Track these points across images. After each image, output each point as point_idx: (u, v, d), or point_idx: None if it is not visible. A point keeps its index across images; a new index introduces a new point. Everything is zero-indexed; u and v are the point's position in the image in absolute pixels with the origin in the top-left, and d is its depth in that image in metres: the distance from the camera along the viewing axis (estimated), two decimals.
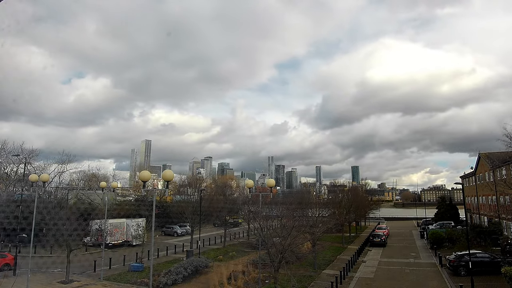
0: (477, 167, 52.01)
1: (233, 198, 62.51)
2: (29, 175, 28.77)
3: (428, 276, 28.09)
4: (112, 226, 41.09)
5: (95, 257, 31.79)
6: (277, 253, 18.91)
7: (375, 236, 47.32)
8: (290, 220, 21.26)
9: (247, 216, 40.73)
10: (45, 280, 25.81)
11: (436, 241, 41.61)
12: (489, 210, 49.00)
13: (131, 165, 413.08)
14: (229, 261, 31.39)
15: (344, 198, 52.03)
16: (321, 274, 28.69)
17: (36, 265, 29.99)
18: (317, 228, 30.08)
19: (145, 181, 15.66)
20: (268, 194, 31.05)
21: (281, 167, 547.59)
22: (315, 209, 39.50)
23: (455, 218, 64.57)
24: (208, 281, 24.99)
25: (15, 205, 42.28)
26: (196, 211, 40.16)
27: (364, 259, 36.48)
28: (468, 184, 59.50)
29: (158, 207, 61.84)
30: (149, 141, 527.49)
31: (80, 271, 28.66)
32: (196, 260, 28.90)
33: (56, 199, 39.68)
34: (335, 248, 43.40)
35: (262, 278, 22.87)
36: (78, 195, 53.44)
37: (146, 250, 34.20)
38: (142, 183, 16.09)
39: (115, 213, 51.59)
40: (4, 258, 29.30)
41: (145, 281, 24.50)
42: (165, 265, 30.10)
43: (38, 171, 46.93)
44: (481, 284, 23.45)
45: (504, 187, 35.18)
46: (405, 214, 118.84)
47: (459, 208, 71.66)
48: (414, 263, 34.13)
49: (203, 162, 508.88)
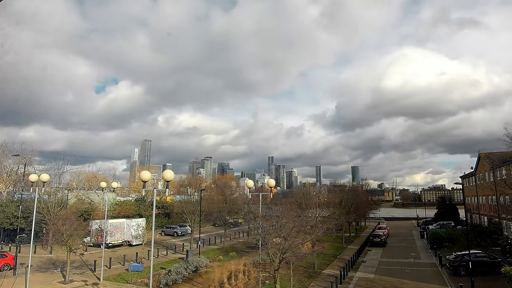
0: (477, 167, 51.98)
1: (233, 198, 62.40)
2: (29, 175, 28.79)
3: (428, 276, 28.08)
4: (112, 226, 41.10)
5: (95, 257, 31.80)
6: (277, 253, 18.90)
7: (375, 236, 47.32)
8: (290, 220, 21.20)
9: (247, 216, 40.69)
10: (45, 280, 25.82)
11: (436, 241, 41.60)
12: (489, 210, 48.99)
13: (131, 165, 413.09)
14: (229, 261, 31.35)
15: (344, 198, 51.95)
16: (321, 274, 28.71)
17: (36, 265, 30.02)
18: (316, 228, 30.04)
19: (145, 181, 15.67)
20: (268, 194, 31.02)
21: (281, 167, 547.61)
22: (315, 209, 39.45)
23: (455, 218, 64.57)
24: (208, 281, 25.00)
25: (15, 205, 42.34)
26: (196, 210, 40.13)
27: (364, 259, 36.48)
28: (468, 184, 59.49)
29: (158, 207, 61.88)
30: (149, 141, 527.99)
31: (80, 271, 28.69)
32: (196, 260, 28.90)
33: (56, 198, 39.61)
34: (335, 248, 43.40)
35: (262, 278, 22.87)
36: (78, 195, 53.48)
37: (146, 250, 34.24)
38: (143, 183, 16.10)
39: (115, 213, 51.68)
40: (4, 258, 29.31)
41: (145, 281, 24.50)
42: (165, 265, 30.11)
43: (39, 172, 46.98)
44: (481, 284, 23.45)
45: (504, 187, 35.18)
46: (405, 214, 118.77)
47: (459, 208, 71.63)
48: (414, 263, 34.12)
49: (203, 162, 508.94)
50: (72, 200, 50.35)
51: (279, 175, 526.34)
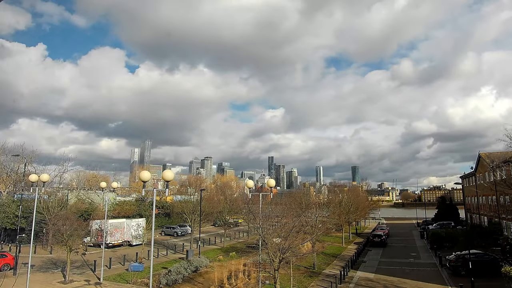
0: (477, 167, 51.93)
1: (233, 198, 62.47)
2: (30, 175, 28.77)
3: (428, 276, 28.07)
4: (112, 226, 41.10)
5: (95, 257, 31.81)
6: (277, 253, 18.90)
7: (375, 236, 47.30)
8: (290, 220, 21.20)
9: (247, 216, 40.72)
10: (45, 280, 25.81)
11: (436, 241, 41.56)
12: (489, 210, 48.98)
13: (131, 165, 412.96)
14: (229, 261, 31.35)
15: (344, 198, 51.97)
16: (321, 274, 28.71)
17: (37, 265, 30.04)
18: (316, 228, 30.05)
19: (145, 181, 15.65)
20: (268, 194, 31.06)
21: (281, 167, 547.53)
22: (314, 209, 39.46)
23: (455, 218, 64.52)
24: (208, 281, 25.01)
25: (15, 205, 42.36)
26: (196, 210, 40.14)
27: (364, 259, 36.47)
28: (468, 184, 59.50)
29: (158, 207, 61.88)
30: (149, 142, 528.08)
31: (80, 271, 28.70)
32: (196, 260, 28.92)
33: (56, 198, 39.65)
34: (335, 248, 43.40)
35: (262, 278, 22.86)
36: (78, 195, 53.50)
37: (146, 250, 34.24)
38: (143, 183, 16.10)
39: (115, 213, 51.70)
40: (4, 258, 29.32)
41: (145, 281, 24.51)
42: (165, 265, 30.11)
43: (39, 171, 46.99)
44: (481, 284, 23.43)
45: (504, 187, 35.18)
46: (405, 214, 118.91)
47: (459, 208, 71.65)
48: (414, 263, 34.10)
49: (203, 162, 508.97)
50: (72, 200, 50.39)
51: (279, 175, 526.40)
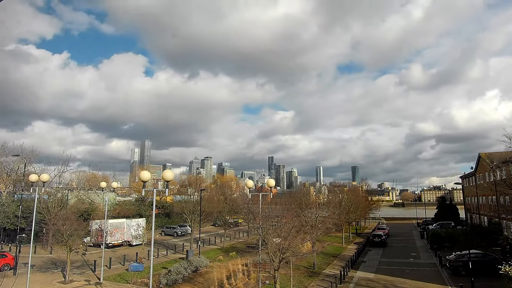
0: (477, 167, 51.94)
1: (233, 198, 62.43)
2: (29, 175, 28.79)
3: (428, 276, 28.07)
4: (112, 226, 41.09)
5: (95, 257, 31.81)
6: (277, 253, 18.90)
7: (375, 236, 47.30)
8: (290, 220, 21.20)
9: (247, 216, 40.75)
10: (45, 280, 25.82)
11: (436, 241, 41.55)
12: (489, 210, 48.98)
13: (131, 165, 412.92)
14: (229, 261, 31.36)
15: (344, 198, 51.95)
16: (321, 274, 28.71)
17: (37, 265, 30.04)
18: (316, 228, 30.05)
19: (145, 181, 15.65)
20: (268, 194, 31.06)
21: (281, 167, 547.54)
22: (314, 209, 39.44)
23: (455, 218, 64.47)
24: (208, 281, 25.00)
25: (15, 205, 42.36)
26: (196, 210, 40.13)
27: (364, 259, 36.47)
28: (468, 184, 59.50)
29: (158, 207, 61.88)
30: (149, 142, 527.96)
31: (80, 271, 28.70)
32: (196, 260, 28.92)
33: (56, 198, 39.64)
34: (335, 248, 43.41)
35: (262, 278, 22.87)
36: (78, 195, 53.48)
37: (146, 250, 34.23)
38: (142, 183, 16.10)
39: (115, 213, 51.69)
40: (4, 258, 29.32)
41: (145, 281, 24.51)
42: (165, 265, 30.11)
43: (39, 171, 47.00)
44: (481, 284, 23.44)
45: (504, 187, 35.16)
46: (405, 214, 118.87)
47: (459, 208, 71.62)
48: (414, 263, 34.10)
49: (203, 162, 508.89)
50: (72, 200, 50.36)
51: (279, 175, 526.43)
